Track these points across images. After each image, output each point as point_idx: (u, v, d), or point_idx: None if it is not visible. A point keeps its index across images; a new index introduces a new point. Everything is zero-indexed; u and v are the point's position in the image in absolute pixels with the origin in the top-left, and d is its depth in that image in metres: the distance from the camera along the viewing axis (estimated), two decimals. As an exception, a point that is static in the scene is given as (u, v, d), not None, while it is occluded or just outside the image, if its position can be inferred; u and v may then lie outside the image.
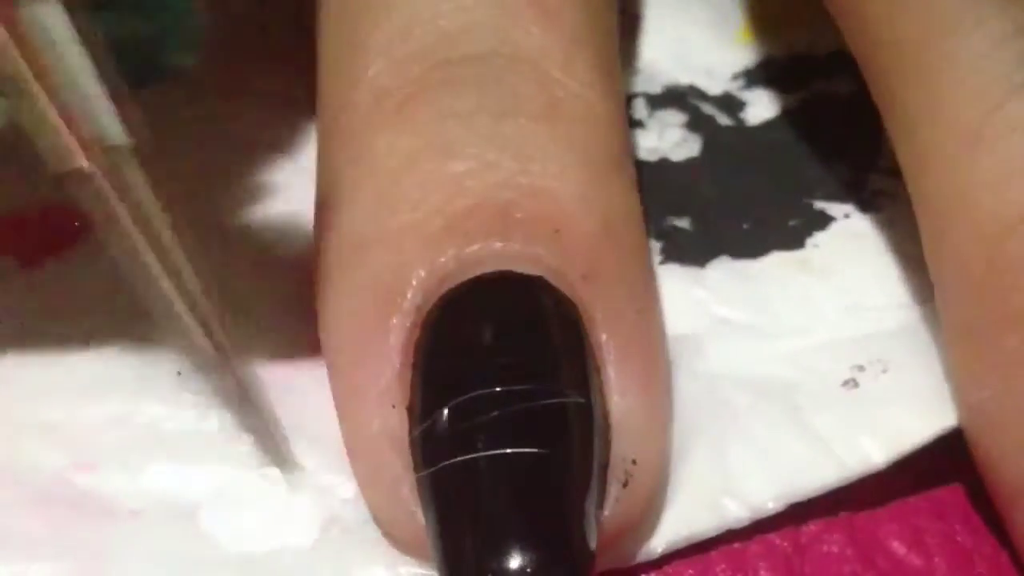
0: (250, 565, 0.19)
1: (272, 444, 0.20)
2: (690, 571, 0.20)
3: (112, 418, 0.21)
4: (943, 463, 0.21)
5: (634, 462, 0.19)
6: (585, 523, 0.18)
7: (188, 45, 0.27)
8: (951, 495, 0.21)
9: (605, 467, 0.19)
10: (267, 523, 0.20)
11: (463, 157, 0.20)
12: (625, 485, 0.19)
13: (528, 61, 0.21)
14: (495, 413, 0.18)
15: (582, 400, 0.19)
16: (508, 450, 0.18)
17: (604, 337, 0.19)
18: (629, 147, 0.22)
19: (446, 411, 0.18)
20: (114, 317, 0.22)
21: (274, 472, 0.20)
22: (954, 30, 0.20)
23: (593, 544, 0.18)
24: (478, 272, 0.19)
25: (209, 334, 0.19)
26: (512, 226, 0.19)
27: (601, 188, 0.21)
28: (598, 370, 0.19)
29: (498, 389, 0.18)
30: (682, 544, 0.20)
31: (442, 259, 0.19)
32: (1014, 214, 0.19)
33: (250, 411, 0.20)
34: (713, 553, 0.20)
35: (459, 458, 0.18)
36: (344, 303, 0.20)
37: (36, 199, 0.24)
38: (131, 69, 0.17)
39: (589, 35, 0.22)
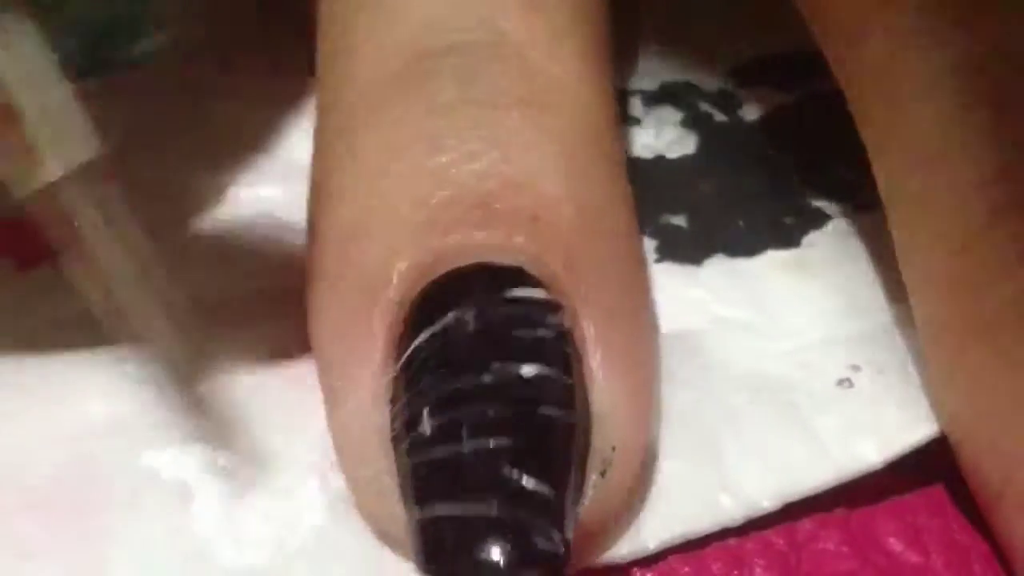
0: (245, 562, 0.19)
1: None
2: (685, 568, 0.20)
3: (109, 417, 0.21)
4: (940, 460, 0.21)
5: (613, 449, 0.19)
6: (564, 516, 0.18)
7: (157, 28, 0.26)
8: (948, 492, 0.21)
9: (584, 458, 0.19)
10: (263, 521, 0.20)
11: (445, 149, 0.20)
12: (603, 475, 0.19)
13: (512, 49, 0.21)
14: (476, 406, 0.18)
15: (563, 392, 0.19)
16: (490, 443, 0.18)
17: (586, 327, 0.19)
18: (618, 136, 0.22)
19: (428, 404, 0.18)
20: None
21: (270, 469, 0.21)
22: (915, 47, 0.20)
23: (570, 535, 0.18)
24: (459, 264, 0.19)
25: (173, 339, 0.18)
26: (493, 216, 0.19)
27: (585, 177, 0.20)
28: (579, 361, 0.19)
29: (478, 382, 0.18)
30: (677, 541, 0.20)
31: (423, 252, 0.19)
32: (978, 223, 0.19)
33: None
34: (708, 550, 0.20)
35: (440, 451, 0.18)
36: (329, 297, 0.20)
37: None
38: (99, 55, 0.16)
39: (575, 23, 0.22)
